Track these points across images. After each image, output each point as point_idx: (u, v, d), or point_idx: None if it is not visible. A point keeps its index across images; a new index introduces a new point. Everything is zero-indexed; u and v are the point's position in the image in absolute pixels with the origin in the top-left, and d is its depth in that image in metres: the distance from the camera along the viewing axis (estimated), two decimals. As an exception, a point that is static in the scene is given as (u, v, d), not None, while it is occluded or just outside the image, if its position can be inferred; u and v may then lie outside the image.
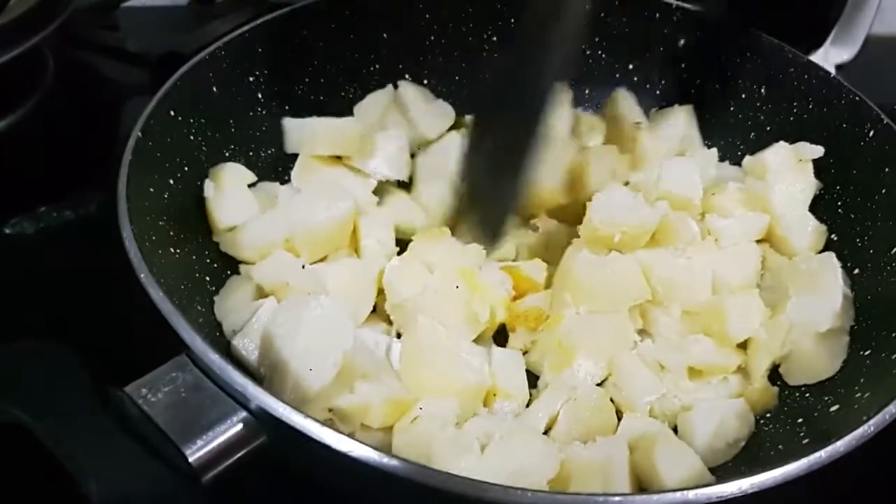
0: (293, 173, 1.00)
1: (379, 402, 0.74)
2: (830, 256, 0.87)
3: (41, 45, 1.16)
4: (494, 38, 1.12)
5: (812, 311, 0.84)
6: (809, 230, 0.94)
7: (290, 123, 1.01)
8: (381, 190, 1.02)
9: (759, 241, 0.95)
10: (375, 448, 0.56)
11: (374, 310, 0.89)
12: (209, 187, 0.90)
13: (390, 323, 0.88)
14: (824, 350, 0.83)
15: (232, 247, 0.90)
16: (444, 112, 1.12)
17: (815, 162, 0.97)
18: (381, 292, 0.88)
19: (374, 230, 0.93)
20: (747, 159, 1.02)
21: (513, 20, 1.09)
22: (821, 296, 0.85)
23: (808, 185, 0.96)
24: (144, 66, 1.30)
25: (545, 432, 0.79)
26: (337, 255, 0.91)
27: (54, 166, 1.14)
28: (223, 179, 0.92)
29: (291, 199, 0.92)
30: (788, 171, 0.96)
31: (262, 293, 0.86)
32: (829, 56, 1.33)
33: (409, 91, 1.10)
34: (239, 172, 0.96)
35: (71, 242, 1.04)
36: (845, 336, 0.84)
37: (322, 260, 0.91)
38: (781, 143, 0.98)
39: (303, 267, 0.86)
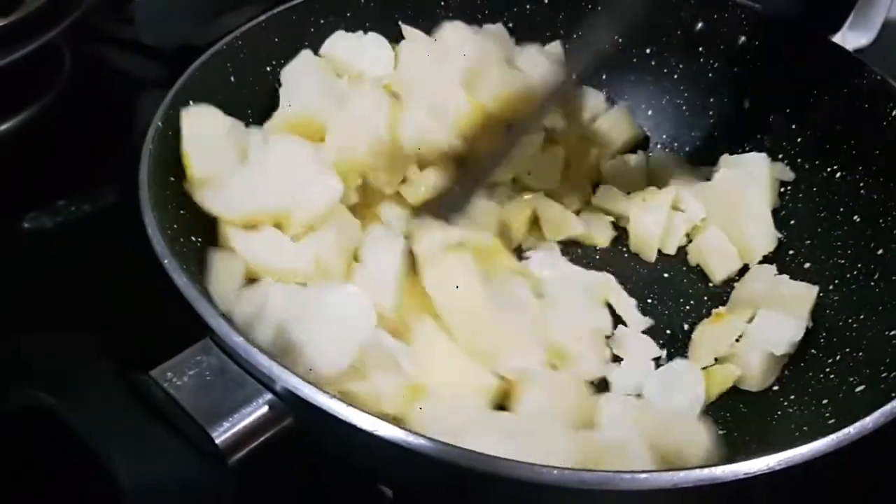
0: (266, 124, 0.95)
1: (394, 387, 0.74)
2: (813, 289, 0.91)
3: (57, 40, 1.16)
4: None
5: (773, 331, 0.87)
6: (765, 234, 0.99)
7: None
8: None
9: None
10: (401, 426, 0.56)
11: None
12: (187, 129, 0.84)
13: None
14: (764, 368, 0.87)
15: (208, 200, 0.83)
16: None
17: (836, 144, 0.96)
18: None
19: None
20: (724, 158, 1.05)
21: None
22: (787, 321, 0.88)
23: (770, 199, 1.01)
24: (160, 59, 1.31)
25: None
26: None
27: (71, 160, 1.14)
28: (202, 123, 0.86)
29: (272, 159, 0.87)
30: (761, 179, 1.00)
31: (250, 272, 0.84)
32: (847, 41, 1.32)
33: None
34: (217, 117, 0.89)
35: (89, 235, 1.04)
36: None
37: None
38: (763, 154, 1.02)
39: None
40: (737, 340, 0.89)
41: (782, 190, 1.03)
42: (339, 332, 0.74)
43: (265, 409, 0.61)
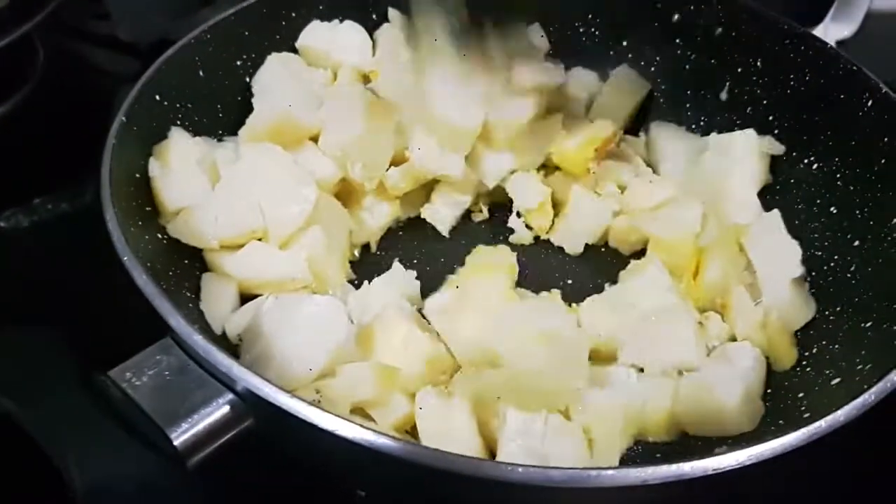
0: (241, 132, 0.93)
1: (368, 373, 0.74)
2: (775, 214, 0.94)
3: (31, 34, 1.14)
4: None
5: (778, 262, 0.89)
6: (753, 212, 0.97)
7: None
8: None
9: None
10: (363, 426, 0.55)
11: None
12: (154, 166, 0.83)
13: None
14: (800, 296, 0.88)
15: (183, 232, 0.82)
16: None
17: (814, 135, 0.95)
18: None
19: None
20: (714, 136, 1.03)
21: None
22: (781, 249, 0.91)
23: (761, 175, 1.00)
24: (136, 55, 1.29)
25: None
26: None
27: (47, 158, 1.13)
28: (169, 156, 0.85)
29: (244, 177, 0.85)
30: (750, 156, 0.99)
31: (244, 288, 0.84)
32: (829, 32, 1.31)
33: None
34: (187, 146, 0.87)
35: (66, 234, 1.03)
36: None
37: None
38: (751, 130, 1.00)
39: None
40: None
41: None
42: (311, 340, 0.74)
43: (226, 409, 0.60)
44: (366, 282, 0.90)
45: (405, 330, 0.79)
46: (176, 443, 0.58)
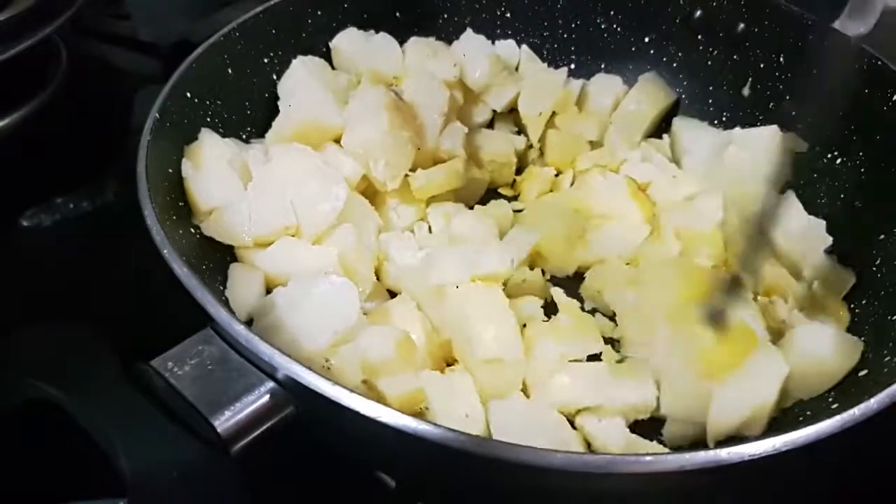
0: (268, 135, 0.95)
1: (388, 335, 0.75)
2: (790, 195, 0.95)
3: (54, 36, 1.16)
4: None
5: (806, 238, 0.91)
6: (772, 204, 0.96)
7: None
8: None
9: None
10: (404, 413, 0.56)
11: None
12: (186, 166, 0.84)
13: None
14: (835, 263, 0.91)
15: (218, 230, 0.83)
16: None
17: (837, 130, 0.96)
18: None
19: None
20: (737, 131, 1.03)
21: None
22: (805, 225, 0.93)
23: (784, 171, 0.98)
24: (156, 56, 1.30)
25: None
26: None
27: (69, 157, 1.14)
28: (201, 156, 0.86)
29: (275, 177, 0.86)
30: (772, 152, 0.99)
31: (271, 281, 0.84)
32: (846, 28, 1.31)
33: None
34: (217, 147, 0.88)
35: (88, 231, 1.04)
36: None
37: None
38: (774, 127, 1.01)
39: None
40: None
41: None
42: (322, 317, 0.74)
43: (267, 397, 0.61)
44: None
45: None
46: (219, 430, 0.59)
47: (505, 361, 0.77)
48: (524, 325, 0.84)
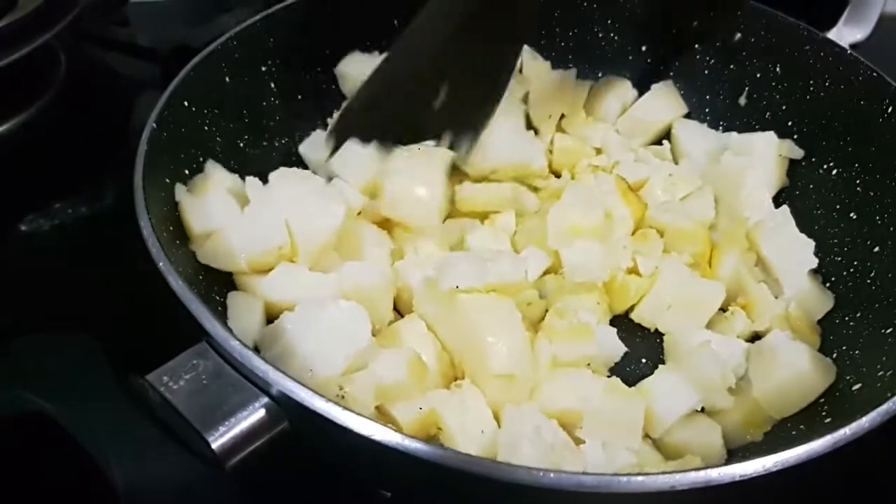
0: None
1: (400, 358, 0.75)
2: (784, 210, 0.94)
3: (53, 42, 1.16)
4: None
5: (792, 255, 0.91)
6: (765, 211, 0.97)
7: None
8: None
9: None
10: (397, 430, 0.56)
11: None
12: (180, 190, 0.84)
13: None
14: (817, 286, 0.92)
15: (213, 256, 0.82)
16: None
17: (833, 140, 0.96)
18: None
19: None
20: (734, 136, 1.04)
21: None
22: (794, 242, 0.92)
23: (778, 178, 1.01)
24: (155, 61, 1.30)
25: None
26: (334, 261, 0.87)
27: (68, 163, 1.15)
28: (202, 185, 0.86)
29: (272, 199, 0.86)
30: (768, 158, 1.00)
31: (270, 308, 0.83)
32: (843, 36, 1.32)
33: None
34: (218, 175, 0.88)
35: (86, 238, 1.04)
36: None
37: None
38: (771, 133, 1.01)
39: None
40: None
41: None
42: (332, 343, 0.74)
43: (261, 413, 0.61)
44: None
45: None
46: (214, 446, 0.59)
47: (516, 377, 0.77)
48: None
